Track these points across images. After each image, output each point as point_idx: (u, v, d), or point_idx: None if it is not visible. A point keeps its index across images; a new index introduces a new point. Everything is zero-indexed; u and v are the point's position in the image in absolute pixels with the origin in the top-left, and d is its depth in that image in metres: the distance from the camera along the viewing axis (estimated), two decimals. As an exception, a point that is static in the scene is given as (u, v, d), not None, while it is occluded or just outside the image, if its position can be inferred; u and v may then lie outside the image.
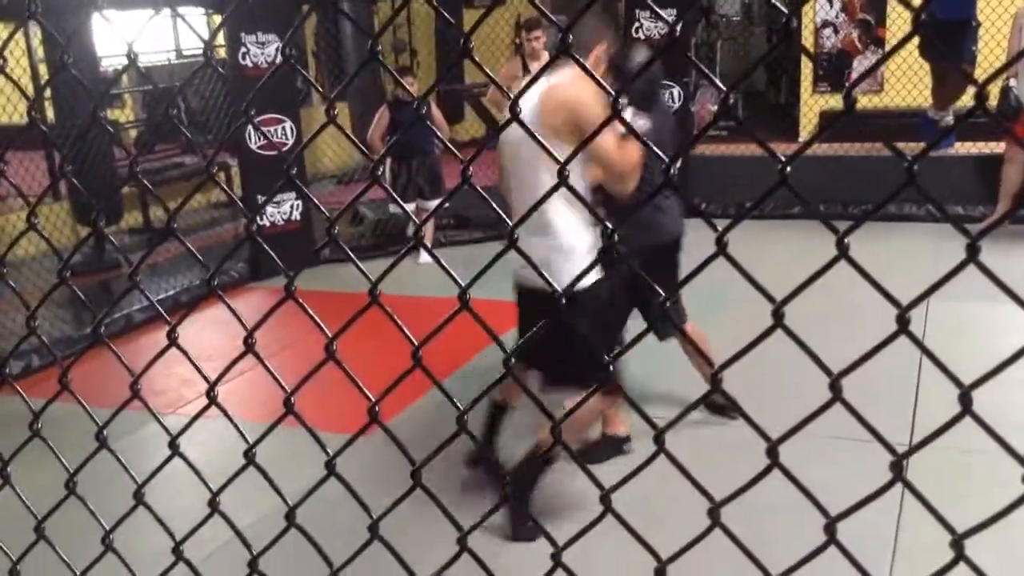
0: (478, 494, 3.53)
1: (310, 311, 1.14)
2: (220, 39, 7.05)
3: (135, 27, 1.26)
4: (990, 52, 7.08)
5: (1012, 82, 6.32)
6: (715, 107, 10.08)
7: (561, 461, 3.23)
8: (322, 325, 1.11)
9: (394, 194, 1.17)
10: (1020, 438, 0.79)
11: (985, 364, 0.83)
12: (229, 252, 1.23)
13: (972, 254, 0.79)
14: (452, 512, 1.12)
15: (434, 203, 7.08)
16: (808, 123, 9.06)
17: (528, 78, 2.67)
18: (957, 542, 0.85)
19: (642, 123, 3.60)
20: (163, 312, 1.22)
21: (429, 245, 7.29)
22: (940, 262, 5.74)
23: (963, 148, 7.50)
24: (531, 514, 3.10)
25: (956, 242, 0.82)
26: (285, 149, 6.96)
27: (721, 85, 0.89)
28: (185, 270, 6.92)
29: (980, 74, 7.23)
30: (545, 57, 6.46)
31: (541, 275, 1.02)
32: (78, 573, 1.42)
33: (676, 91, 7.74)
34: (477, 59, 0.98)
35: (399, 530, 1.30)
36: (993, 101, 6.48)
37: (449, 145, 1.10)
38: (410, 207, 7.21)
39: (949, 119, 7.33)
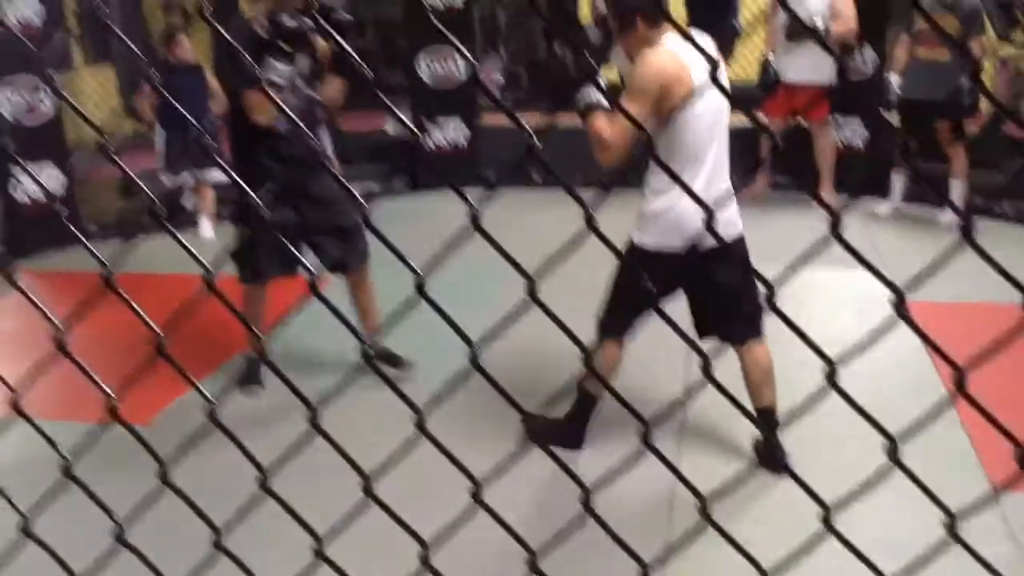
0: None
1: (43, 307, 1.04)
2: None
3: None
4: (753, 30, 7.52)
5: (770, 55, 6.73)
6: (499, 76, 10.18)
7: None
8: (49, 314, 1.00)
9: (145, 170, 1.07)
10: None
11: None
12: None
13: (709, 216, 0.80)
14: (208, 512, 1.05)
15: (211, 172, 6.74)
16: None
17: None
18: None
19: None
20: None
21: (208, 218, 6.94)
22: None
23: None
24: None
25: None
26: (45, 120, 6.40)
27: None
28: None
29: (743, 51, 7.69)
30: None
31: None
32: None
33: (460, 61, 7.74)
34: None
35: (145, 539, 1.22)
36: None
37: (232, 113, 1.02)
38: (185, 177, 6.84)
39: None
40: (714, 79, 0.81)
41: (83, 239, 1.00)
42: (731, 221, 3.31)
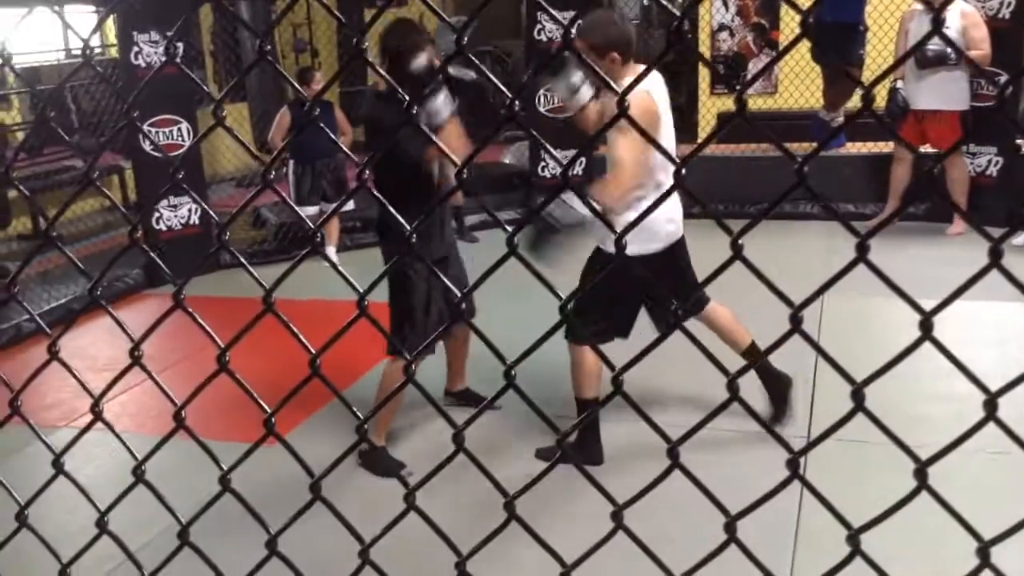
0: (382, 506, 3.48)
1: (200, 320, 1.10)
2: (112, 38, 6.81)
3: (10, 24, 1.19)
4: (878, 55, 7.35)
5: (899, 83, 6.56)
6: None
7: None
8: (213, 335, 1.06)
9: (286, 197, 1.13)
10: (919, 429, 0.81)
11: (880, 358, 0.85)
12: (112, 260, 1.18)
13: (862, 253, 0.80)
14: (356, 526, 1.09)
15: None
16: (706, 124, 9.24)
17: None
18: (853, 537, 0.86)
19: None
20: (42, 324, 1.16)
21: (334, 247, 7.19)
22: (834, 258, 5.92)
23: (854, 148, 7.76)
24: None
25: (850, 239, 0.84)
26: (180, 151, 6.77)
27: (616, 88, 0.89)
28: (77, 277, 6.66)
29: (868, 76, 7.49)
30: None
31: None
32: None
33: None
34: (371, 59, 0.95)
35: (299, 545, 1.27)
36: (882, 102, 6.72)
37: (345, 149, 1.07)
38: (314, 210, 7.09)
39: (840, 120, 7.58)
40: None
41: (246, 264, 1.05)
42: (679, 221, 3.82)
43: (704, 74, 9.50)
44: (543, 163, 8.02)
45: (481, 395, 4.31)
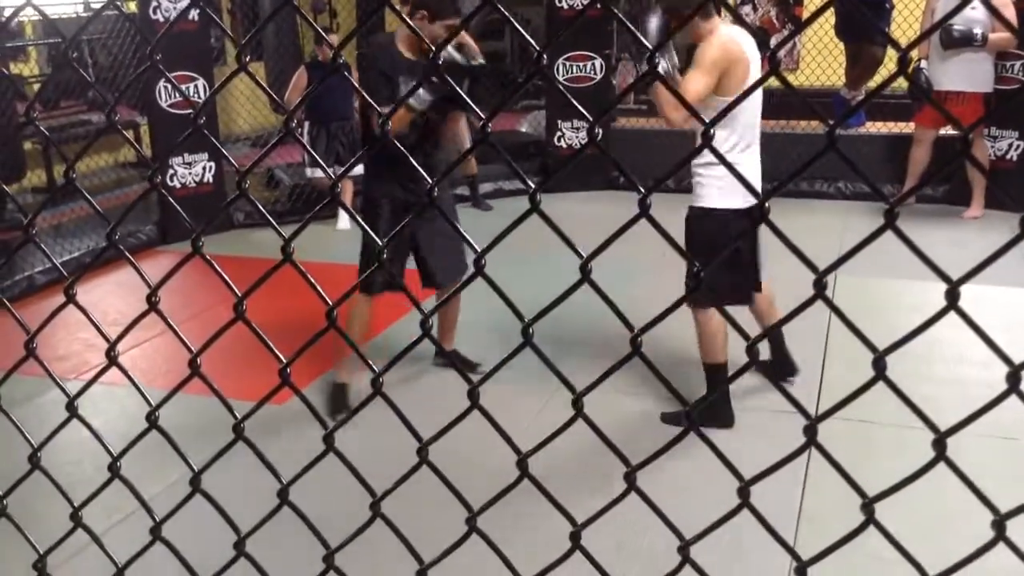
0: (387, 463, 3.49)
1: (218, 268, 1.10)
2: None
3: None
4: (902, 34, 7.26)
5: (923, 63, 6.48)
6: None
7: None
8: (230, 283, 1.06)
9: (312, 152, 1.12)
10: (927, 410, 0.81)
11: (891, 337, 0.85)
12: (132, 205, 1.17)
13: (890, 220, 0.79)
14: (365, 478, 1.09)
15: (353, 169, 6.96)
16: (726, 99, 9.17)
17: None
18: (868, 505, 0.86)
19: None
20: (60, 268, 1.16)
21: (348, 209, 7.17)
22: (847, 237, 5.89)
23: (873, 127, 7.69)
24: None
25: (864, 218, 0.84)
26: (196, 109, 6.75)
27: (648, 45, 0.87)
28: (90, 231, 6.67)
29: (892, 55, 7.41)
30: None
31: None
32: (-32, 541, 1.35)
33: (598, 63, 7.75)
34: (397, 7, 0.94)
35: (310, 499, 1.27)
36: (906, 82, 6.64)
37: (371, 106, 1.06)
38: (318, 173, 7.07)
39: (861, 99, 7.51)
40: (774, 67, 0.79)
41: (271, 220, 1.04)
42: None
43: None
44: (559, 133, 7.98)
45: (469, 359, 4.28)
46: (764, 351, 3.99)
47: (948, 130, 6.73)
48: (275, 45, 8.83)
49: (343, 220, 7.04)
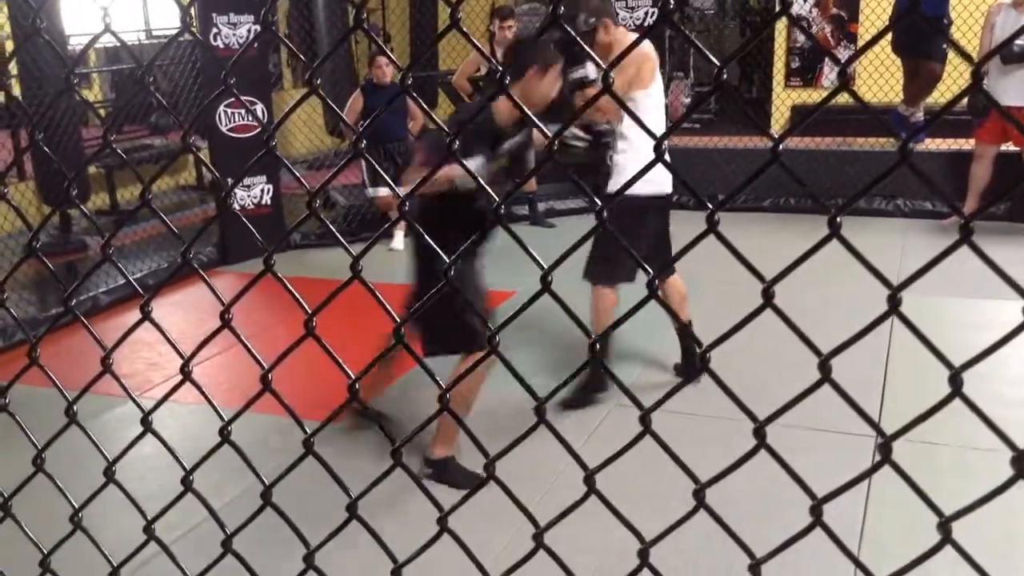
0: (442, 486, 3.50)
1: (289, 286, 1.12)
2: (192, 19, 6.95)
3: (104, 1, 1.23)
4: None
5: (984, 79, 6.39)
6: (687, 100, 10.10)
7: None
8: (301, 301, 1.08)
9: (378, 168, 1.14)
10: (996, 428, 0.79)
11: (955, 356, 0.83)
12: (206, 224, 1.20)
13: (966, 234, 0.78)
14: (433, 493, 1.10)
15: (405, 189, 7.03)
16: (780, 117, 9.10)
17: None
18: (944, 525, 0.84)
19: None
20: (136, 285, 1.19)
21: (402, 232, 7.24)
22: (907, 256, 5.80)
23: (933, 144, 7.57)
24: None
25: (923, 236, 0.82)
26: (256, 132, 6.89)
27: (716, 60, 0.88)
28: (152, 253, 6.83)
29: (950, 71, 7.30)
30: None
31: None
32: (45, 551, 1.39)
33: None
34: (465, 30, 0.96)
35: (378, 511, 1.28)
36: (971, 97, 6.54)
37: (431, 126, 1.08)
38: (382, 191, 7.15)
39: (919, 115, 7.40)
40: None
41: (341, 239, 1.07)
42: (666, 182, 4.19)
43: (780, 66, 9.36)
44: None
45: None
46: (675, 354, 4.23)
47: (1009, 146, 6.60)
48: (330, 68, 8.97)
49: (397, 240, 7.10)
